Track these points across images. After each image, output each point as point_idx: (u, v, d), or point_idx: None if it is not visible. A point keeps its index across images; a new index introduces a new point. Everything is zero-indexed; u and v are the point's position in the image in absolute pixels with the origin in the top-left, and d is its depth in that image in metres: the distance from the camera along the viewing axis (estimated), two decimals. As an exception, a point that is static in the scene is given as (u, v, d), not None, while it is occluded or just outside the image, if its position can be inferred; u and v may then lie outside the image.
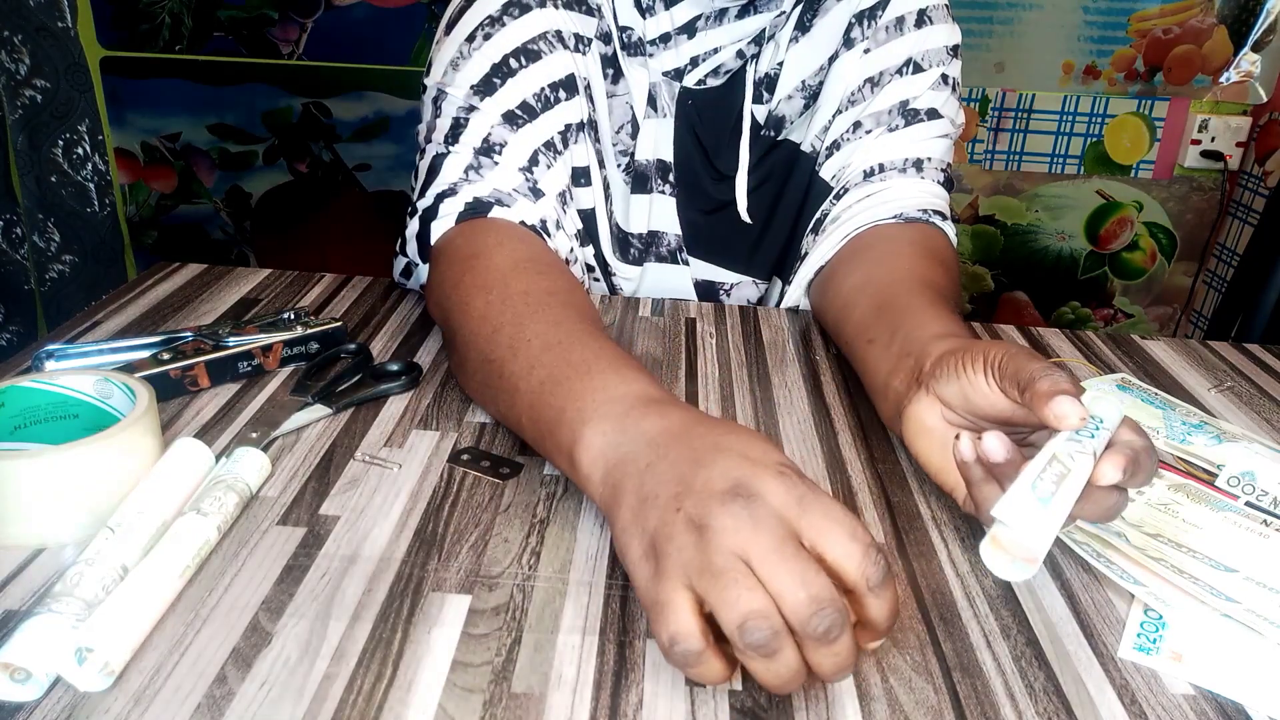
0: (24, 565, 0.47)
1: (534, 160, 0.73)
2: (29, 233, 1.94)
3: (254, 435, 0.58)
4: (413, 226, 0.74)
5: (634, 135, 0.82)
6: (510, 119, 0.73)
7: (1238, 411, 0.71)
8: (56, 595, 0.42)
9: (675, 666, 0.39)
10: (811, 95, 0.83)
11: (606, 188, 0.83)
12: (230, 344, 0.65)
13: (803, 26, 0.81)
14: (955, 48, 0.82)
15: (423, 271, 0.74)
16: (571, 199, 0.79)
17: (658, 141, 0.83)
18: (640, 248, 0.87)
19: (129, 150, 2.01)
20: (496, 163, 0.71)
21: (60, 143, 1.92)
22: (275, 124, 1.98)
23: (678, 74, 0.81)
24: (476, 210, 0.70)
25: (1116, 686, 0.43)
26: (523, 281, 0.62)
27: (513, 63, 0.73)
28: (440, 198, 0.71)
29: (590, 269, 0.86)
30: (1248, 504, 0.57)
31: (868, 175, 0.80)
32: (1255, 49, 1.82)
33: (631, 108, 0.81)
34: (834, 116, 0.82)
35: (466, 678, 0.41)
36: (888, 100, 0.80)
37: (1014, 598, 0.48)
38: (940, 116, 0.81)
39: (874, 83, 0.80)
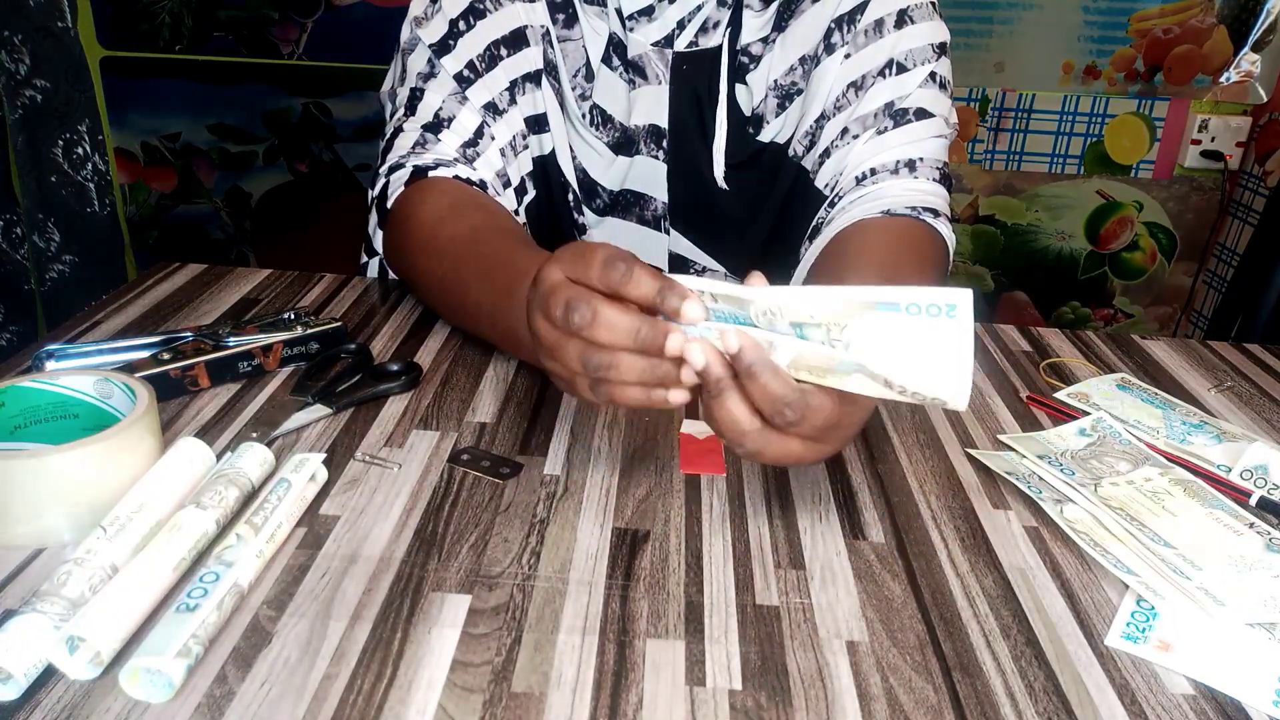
0: (24, 565, 0.47)
1: (479, 133, 0.80)
2: (29, 233, 1.94)
3: (254, 435, 0.58)
4: (374, 193, 0.81)
5: (589, 80, 0.84)
6: (460, 80, 0.80)
7: (1238, 411, 0.71)
8: (42, 595, 0.42)
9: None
10: (785, 95, 0.84)
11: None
12: (230, 344, 0.65)
13: (779, 27, 0.83)
14: (942, 45, 0.81)
15: (377, 241, 0.82)
16: (525, 147, 0.85)
17: (650, 108, 0.85)
18: (606, 201, 0.89)
19: (129, 150, 2.01)
20: (440, 139, 0.80)
21: (60, 143, 1.92)
22: (275, 124, 1.98)
23: (668, 41, 0.83)
24: (417, 174, 0.78)
25: (1116, 686, 0.43)
26: (446, 228, 0.73)
27: (461, 24, 0.81)
28: (390, 171, 0.79)
29: (554, 219, 0.89)
30: (1261, 500, 0.57)
31: (859, 180, 0.79)
32: (1255, 49, 1.82)
33: (586, 53, 0.83)
34: (818, 121, 0.82)
35: (466, 678, 0.41)
36: (873, 103, 0.79)
37: (1014, 597, 0.48)
38: (931, 116, 0.80)
39: (857, 86, 0.80)
